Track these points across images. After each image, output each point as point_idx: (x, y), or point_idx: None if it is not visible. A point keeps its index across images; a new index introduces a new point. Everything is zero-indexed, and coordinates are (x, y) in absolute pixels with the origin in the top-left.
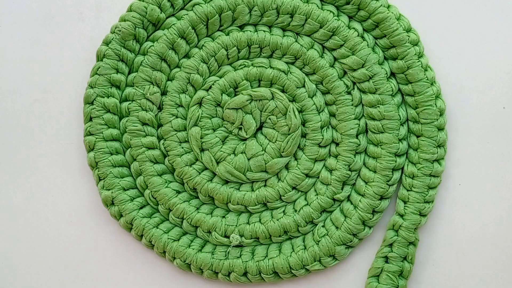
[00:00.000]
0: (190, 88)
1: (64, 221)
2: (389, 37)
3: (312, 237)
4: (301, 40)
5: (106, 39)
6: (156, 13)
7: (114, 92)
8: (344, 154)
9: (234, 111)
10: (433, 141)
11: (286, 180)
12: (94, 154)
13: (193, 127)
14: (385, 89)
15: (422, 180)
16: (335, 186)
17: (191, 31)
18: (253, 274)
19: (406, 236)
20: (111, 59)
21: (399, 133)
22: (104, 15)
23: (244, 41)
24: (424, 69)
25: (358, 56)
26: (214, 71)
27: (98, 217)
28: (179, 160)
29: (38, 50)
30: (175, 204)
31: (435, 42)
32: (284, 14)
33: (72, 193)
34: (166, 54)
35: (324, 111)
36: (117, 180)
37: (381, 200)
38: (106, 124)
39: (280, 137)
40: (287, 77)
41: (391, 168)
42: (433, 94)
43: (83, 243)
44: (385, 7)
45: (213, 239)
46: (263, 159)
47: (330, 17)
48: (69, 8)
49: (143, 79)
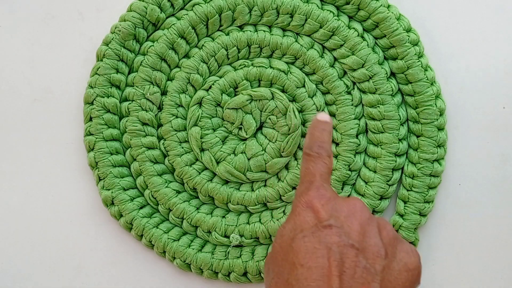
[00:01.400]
0: (190, 88)
1: (64, 221)
2: (389, 37)
3: None
4: (301, 40)
5: (106, 39)
6: (156, 13)
7: (114, 92)
8: (344, 154)
9: (234, 111)
10: (433, 141)
11: (286, 180)
12: (94, 154)
13: (193, 127)
14: (385, 89)
15: (422, 180)
16: (335, 186)
17: (191, 31)
18: (253, 274)
19: (406, 236)
20: (111, 59)
21: (399, 133)
22: (104, 15)
23: (244, 41)
24: (424, 69)
25: (358, 56)
26: (214, 71)
27: (98, 217)
28: (179, 160)
29: (38, 50)
30: (175, 204)
31: (435, 42)
32: (284, 14)
33: (72, 193)
34: (166, 54)
35: (324, 111)
36: (117, 180)
37: (381, 200)
38: (106, 124)
39: (280, 137)
40: (287, 77)
41: (391, 168)
42: (433, 94)
43: (83, 243)
44: (385, 7)
45: (213, 239)
46: (263, 159)
47: (330, 17)
48: (69, 8)
49: (143, 79)
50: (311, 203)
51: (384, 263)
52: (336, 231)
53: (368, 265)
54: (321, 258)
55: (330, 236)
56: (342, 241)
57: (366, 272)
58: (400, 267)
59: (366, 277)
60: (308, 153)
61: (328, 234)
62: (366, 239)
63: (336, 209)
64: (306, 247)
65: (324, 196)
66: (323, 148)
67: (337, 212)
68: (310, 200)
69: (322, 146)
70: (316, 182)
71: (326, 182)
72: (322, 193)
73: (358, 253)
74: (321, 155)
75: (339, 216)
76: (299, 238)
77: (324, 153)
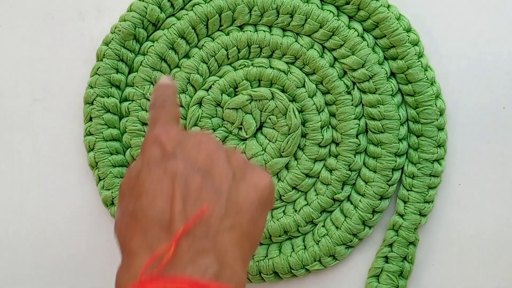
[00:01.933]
0: (190, 88)
1: (64, 221)
2: (389, 37)
3: (312, 237)
4: (301, 40)
5: (106, 39)
6: (156, 13)
7: (114, 92)
8: (344, 154)
9: (234, 111)
10: (433, 141)
11: (286, 180)
12: (94, 154)
13: (193, 127)
14: (385, 89)
15: (422, 180)
16: (335, 186)
17: (191, 31)
18: (253, 274)
19: (406, 236)
20: (111, 59)
21: (399, 133)
22: (104, 15)
23: (244, 41)
24: (424, 69)
25: (358, 56)
26: (214, 71)
27: (98, 217)
28: None
29: (38, 50)
30: None
31: (435, 42)
32: (284, 14)
33: (72, 193)
34: (166, 54)
35: (324, 111)
36: (117, 180)
37: (381, 200)
38: (106, 124)
39: (280, 137)
40: (287, 77)
41: (391, 168)
42: (433, 94)
43: (83, 243)
44: (385, 7)
45: None
46: (263, 159)
47: (330, 17)
48: (69, 8)
49: (143, 79)
50: (157, 137)
51: (230, 183)
52: (182, 160)
53: (215, 185)
54: (166, 186)
55: (176, 165)
56: (187, 168)
57: (212, 192)
58: (249, 187)
59: (213, 197)
60: (152, 105)
61: (174, 164)
62: (214, 165)
63: (183, 142)
64: (151, 177)
65: (170, 131)
66: (168, 101)
67: (183, 144)
68: (156, 135)
69: (166, 100)
70: (162, 120)
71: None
72: (168, 129)
73: (205, 177)
74: (165, 107)
75: (185, 147)
76: (145, 171)
77: (169, 105)
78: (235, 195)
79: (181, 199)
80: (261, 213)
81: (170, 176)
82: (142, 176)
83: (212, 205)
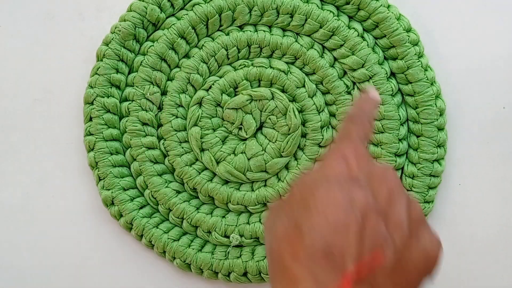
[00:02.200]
0: (190, 88)
1: (64, 221)
2: (389, 37)
3: None
4: (301, 40)
5: (106, 39)
6: (156, 13)
7: (114, 92)
8: None
9: (234, 111)
10: (433, 141)
11: (286, 180)
12: (94, 154)
13: (193, 127)
14: (385, 89)
15: (422, 180)
16: None
17: (191, 31)
18: (253, 274)
19: None
20: (111, 59)
21: (399, 133)
22: (104, 15)
23: (244, 41)
24: (424, 69)
25: (358, 56)
26: (214, 71)
27: (98, 217)
28: (179, 160)
29: (38, 50)
30: (175, 204)
31: (435, 42)
32: (284, 14)
33: (72, 193)
34: (166, 54)
35: (324, 111)
36: (117, 180)
37: None
38: (106, 124)
39: (280, 137)
40: (287, 77)
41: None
42: (433, 94)
43: (83, 243)
44: (385, 7)
45: (213, 239)
46: (263, 159)
47: (330, 17)
48: (69, 8)
49: (143, 79)
50: (345, 154)
51: (404, 238)
52: (363, 189)
53: (387, 233)
54: (342, 212)
55: (356, 192)
56: (366, 201)
57: (386, 240)
58: (419, 251)
59: (386, 246)
60: (350, 117)
61: (355, 189)
62: (392, 208)
63: (369, 169)
64: (329, 196)
65: (359, 152)
66: (365, 117)
67: (369, 172)
68: (345, 151)
69: (363, 115)
70: (353, 137)
71: (362, 140)
72: (359, 148)
73: (379, 219)
74: (363, 122)
75: (370, 176)
76: (324, 186)
77: (365, 121)
78: (406, 256)
79: (357, 235)
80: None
81: (348, 202)
82: (320, 191)
83: (384, 256)
